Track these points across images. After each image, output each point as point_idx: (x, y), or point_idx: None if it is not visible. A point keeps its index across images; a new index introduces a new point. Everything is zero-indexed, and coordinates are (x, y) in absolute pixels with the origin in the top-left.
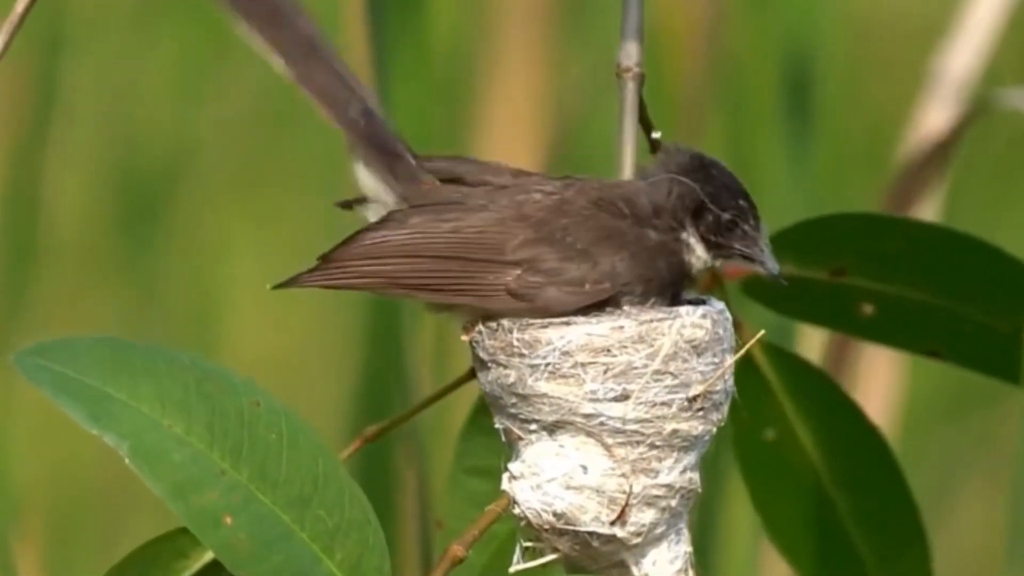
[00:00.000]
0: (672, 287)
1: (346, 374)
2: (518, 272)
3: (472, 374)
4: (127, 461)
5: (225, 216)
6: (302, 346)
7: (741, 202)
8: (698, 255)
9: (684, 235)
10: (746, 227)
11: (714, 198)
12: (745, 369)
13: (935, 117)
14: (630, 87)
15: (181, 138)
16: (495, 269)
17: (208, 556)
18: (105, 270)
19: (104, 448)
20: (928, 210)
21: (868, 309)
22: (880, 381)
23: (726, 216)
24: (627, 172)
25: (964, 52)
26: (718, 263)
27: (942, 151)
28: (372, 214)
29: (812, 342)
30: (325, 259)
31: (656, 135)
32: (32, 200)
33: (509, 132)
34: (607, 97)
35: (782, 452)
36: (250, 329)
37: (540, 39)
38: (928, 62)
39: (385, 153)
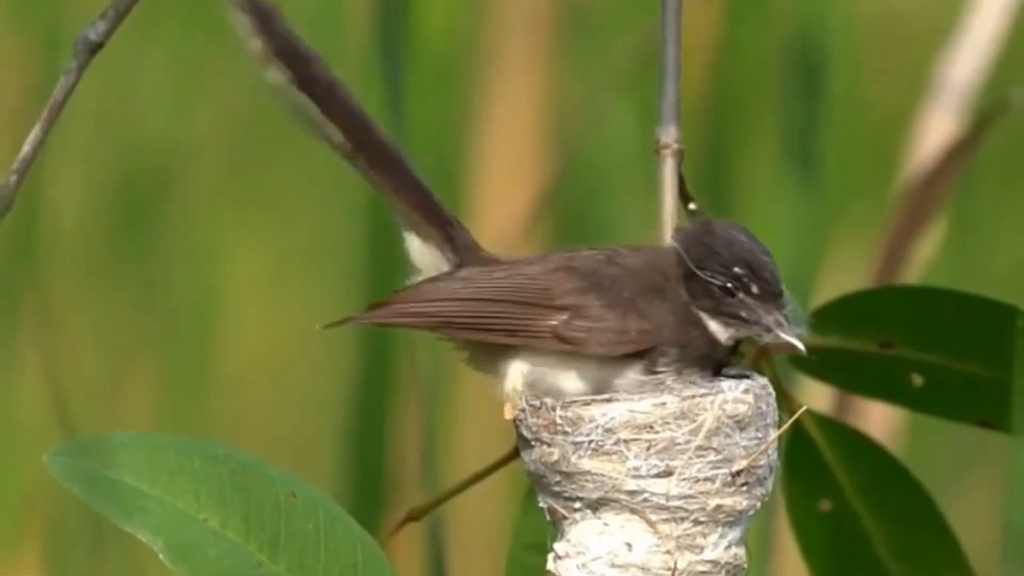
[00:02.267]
0: (707, 360)
1: (345, 374)
2: (565, 317)
3: (517, 452)
4: (161, 556)
5: (225, 216)
6: (301, 346)
7: (736, 269)
8: (712, 327)
9: (694, 308)
10: (743, 295)
11: (701, 265)
12: (797, 439)
13: (940, 123)
14: (669, 164)
15: (180, 138)
16: (543, 313)
17: None
18: (105, 270)
19: None
20: (939, 219)
21: (918, 380)
22: None
23: (716, 283)
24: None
25: (969, 57)
26: (741, 334)
27: (953, 155)
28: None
29: None
30: (378, 304)
31: (693, 207)
32: (32, 200)
33: (511, 134)
34: (607, 99)
35: (838, 523)
36: (250, 329)
37: (543, 45)
38: (933, 67)
39: (440, 223)
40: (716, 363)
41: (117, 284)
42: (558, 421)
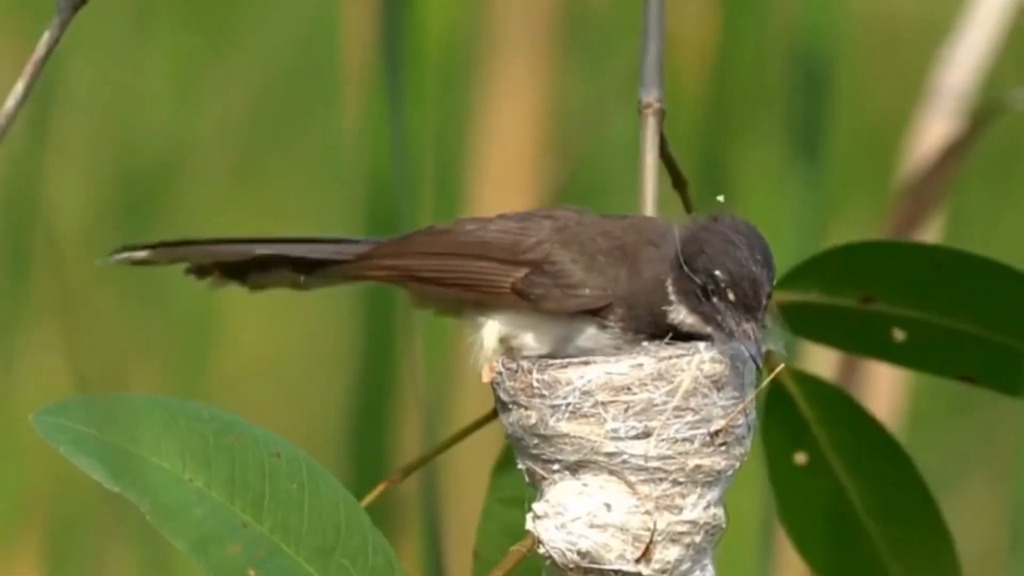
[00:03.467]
0: (649, 328)
1: (345, 375)
2: (525, 272)
3: (495, 414)
4: (147, 517)
5: (224, 216)
6: (301, 346)
7: (717, 273)
8: (678, 311)
9: (668, 287)
10: (716, 300)
11: (688, 260)
12: (775, 393)
13: (938, 124)
14: (651, 123)
15: (180, 138)
16: (506, 269)
17: None
18: (105, 270)
19: None
20: (935, 218)
21: (899, 335)
22: (885, 378)
23: (697, 281)
24: (649, 207)
25: (966, 59)
26: (703, 330)
27: (951, 155)
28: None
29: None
30: (363, 257)
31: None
32: (31, 200)
33: (512, 137)
34: (608, 102)
35: (813, 477)
36: (250, 329)
37: (544, 47)
38: (932, 65)
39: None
40: (669, 330)
41: (117, 284)
42: (535, 384)
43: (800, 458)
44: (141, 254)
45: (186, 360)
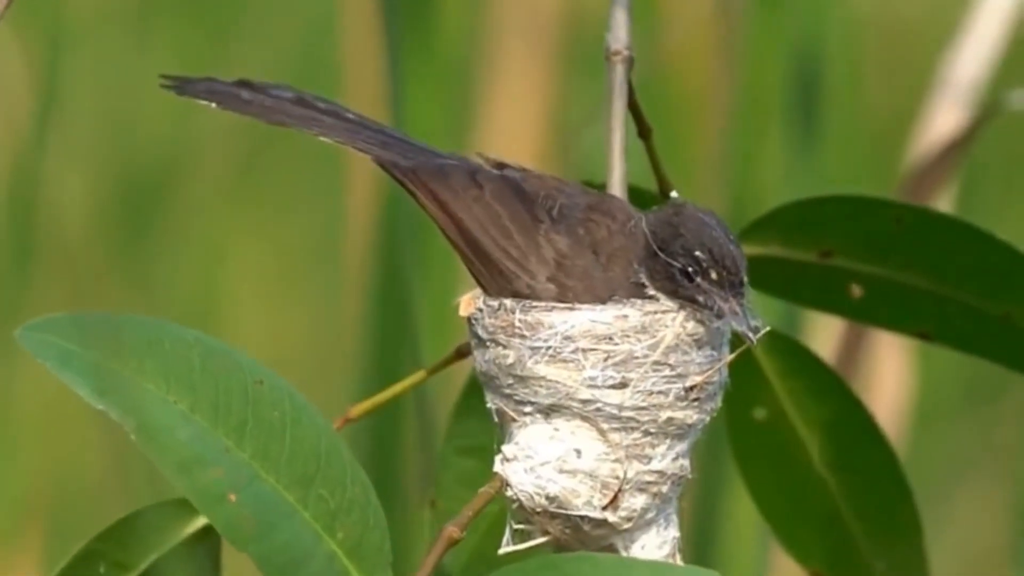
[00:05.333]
0: None
1: (346, 375)
2: (531, 283)
3: (459, 355)
4: (132, 436)
5: (225, 216)
6: (302, 346)
7: (697, 253)
8: (656, 298)
9: (642, 277)
10: (700, 280)
11: (664, 246)
12: (738, 345)
13: (944, 120)
14: (619, 70)
15: (181, 138)
16: (516, 274)
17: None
18: (105, 270)
19: (106, 448)
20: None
21: (857, 291)
22: (889, 376)
23: (676, 265)
24: (616, 159)
25: (972, 54)
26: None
27: (953, 153)
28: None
29: (821, 335)
30: (410, 168)
31: (674, 194)
32: (32, 200)
33: (513, 143)
34: (609, 107)
35: (773, 432)
36: (250, 329)
37: (545, 52)
38: (936, 64)
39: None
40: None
41: (117, 284)
42: (517, 324)
43: (759, 414)
44: (212, 105)
45: None
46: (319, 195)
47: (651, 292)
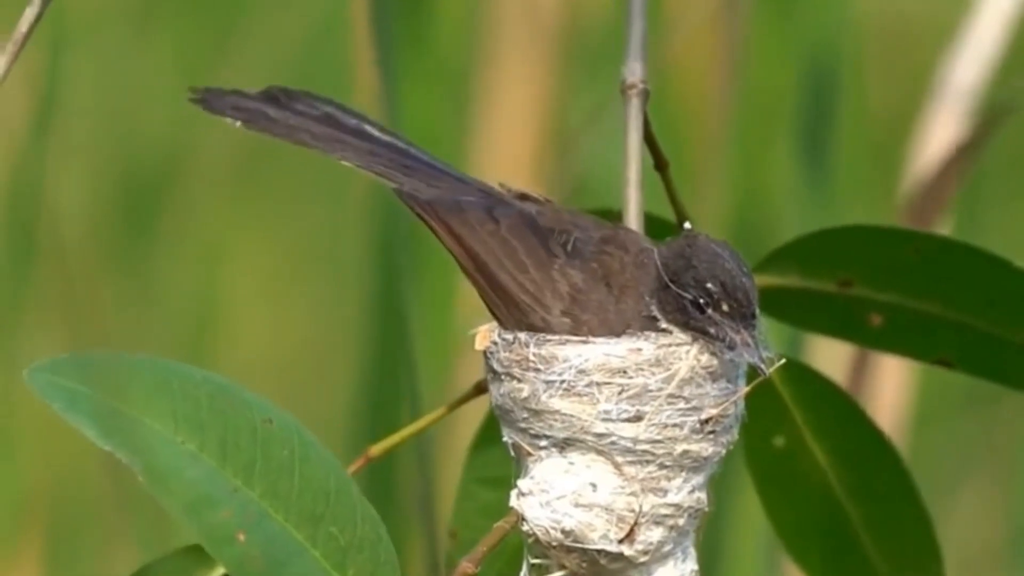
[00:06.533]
0: None
1: (346, 375)
2: (545, 318)
3: (478, 391)
4: (140, 478)
5: (225, 216)
6: (302, 346)
7: (709, 285)
8: (669, 330)
9: (653, 309)
10: (712, 311)
11: (676, 278)
12: (753, 378)
13: (945, 123)
14: (635, 103)
15: (181, 138)
16: (531, 310)
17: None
18: (105, 270)
19: (107, 452)
20: (945, 221)
21: (876, 320)
22: (890, 378)
23: (687, 296)
24: (632, 190)
25: (974, 59)
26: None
27: (959, 160)
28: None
29: (828, 353)
30: (428, 202)
31: (688, 225)
32: (32, 200)
33: (511, 144)
34: (609, 108)
35: (792, 460)
36: (250, 329)
37: (544, 53)
38: (937, 69)
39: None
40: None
41: (117, 284)
42: (531, 358)
43: (779, 441)
44: (236, 123)
45: (186, 360)
46: (319, 195)
47: (664, 325)
